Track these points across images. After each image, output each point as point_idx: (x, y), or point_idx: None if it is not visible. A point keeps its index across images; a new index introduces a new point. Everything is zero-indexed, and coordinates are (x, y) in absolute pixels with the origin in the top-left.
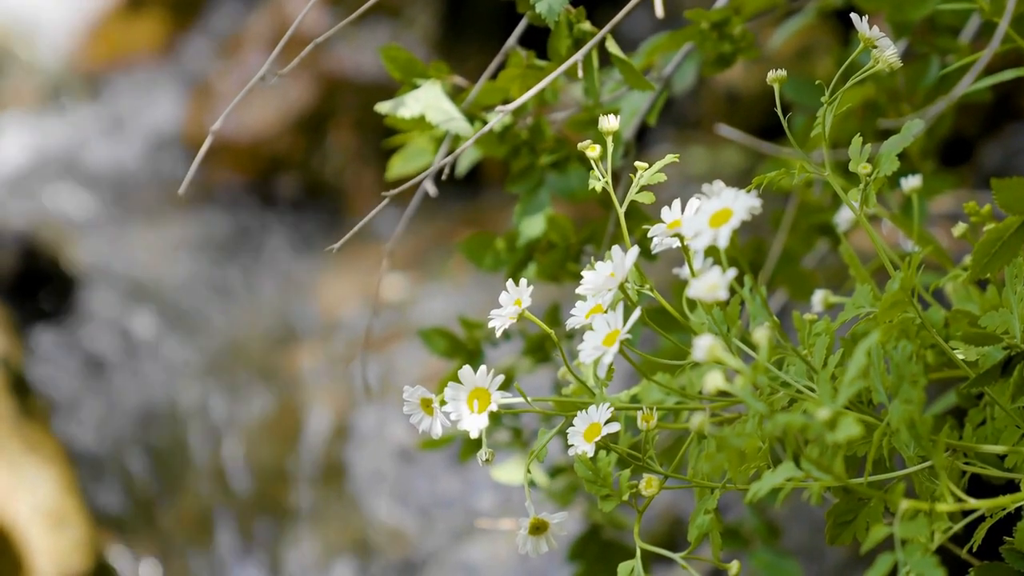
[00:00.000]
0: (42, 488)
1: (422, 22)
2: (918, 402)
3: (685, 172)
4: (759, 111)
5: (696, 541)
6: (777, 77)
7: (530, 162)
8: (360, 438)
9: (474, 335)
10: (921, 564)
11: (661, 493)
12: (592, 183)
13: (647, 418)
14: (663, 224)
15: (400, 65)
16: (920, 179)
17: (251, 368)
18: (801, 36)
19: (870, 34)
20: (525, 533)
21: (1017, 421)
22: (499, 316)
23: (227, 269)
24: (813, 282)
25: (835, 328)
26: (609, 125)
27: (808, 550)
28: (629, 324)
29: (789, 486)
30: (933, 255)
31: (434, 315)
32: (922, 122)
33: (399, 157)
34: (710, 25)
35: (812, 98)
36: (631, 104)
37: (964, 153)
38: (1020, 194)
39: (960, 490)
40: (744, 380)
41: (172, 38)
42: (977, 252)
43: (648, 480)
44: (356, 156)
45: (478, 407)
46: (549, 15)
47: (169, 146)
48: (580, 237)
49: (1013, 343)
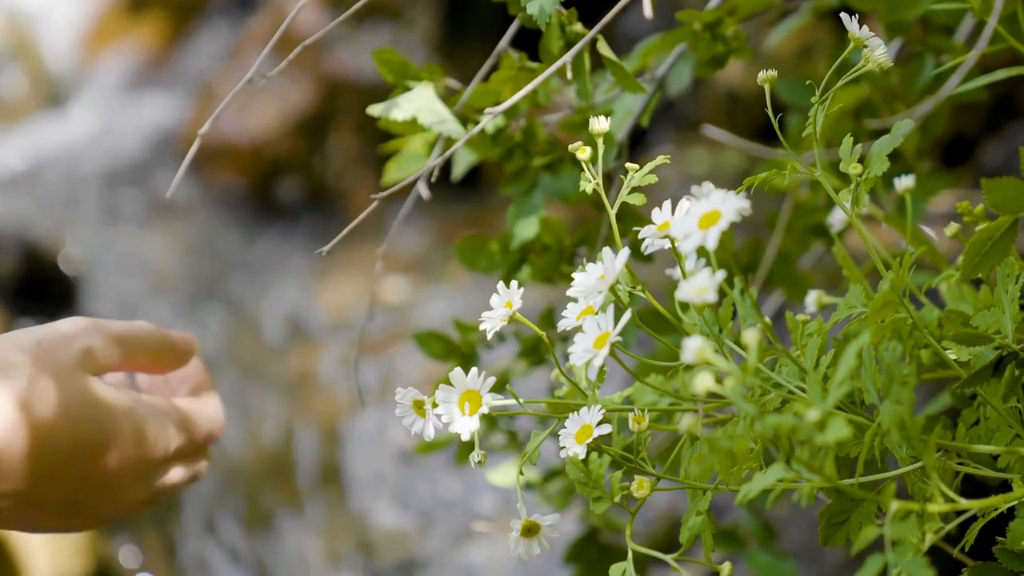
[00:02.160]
0: None
1: (423, 24)
2: (908, 403)
3: (685, 173)
4: (759, 111)
5: (688, 543)
6: (767, 78)
7: (523, 164)
8: (360, 440)
9: (469, 338)
10: (911, 565)
11: (660, 495)
12: (583, 185)
13: (639, 420)
14: (653, 225)
15: (393, 68)
16: (913, 179)
17: (252, 370)
18: (800, 36)
19: (860, 34)
20: (517, 535)
21: (1009, 421)
22: (490, 319)
23: (228, 272)
24: (809, 283)
25: (827, 329)
26: (600, 127)
27: (807, 551)
28: (620, 326)
29: (780, 487)
30: (928, 255)
31: (435, 317)
32: (911, 122)
33: (394, 163)
34: (703, 26)
35: (807, 98)
36: (624, 106)
37: (965, 153)
38: (1010, 194)
39: (953, 490)
40: (734, 381)
41: (174, 39)
42: (968, 252)
43: (639, 482)
44: (357, 158)
45: (469, 409)
46: (540, 16)
47: (170, 148)
48: (574, 239)
49: (1005, 343)
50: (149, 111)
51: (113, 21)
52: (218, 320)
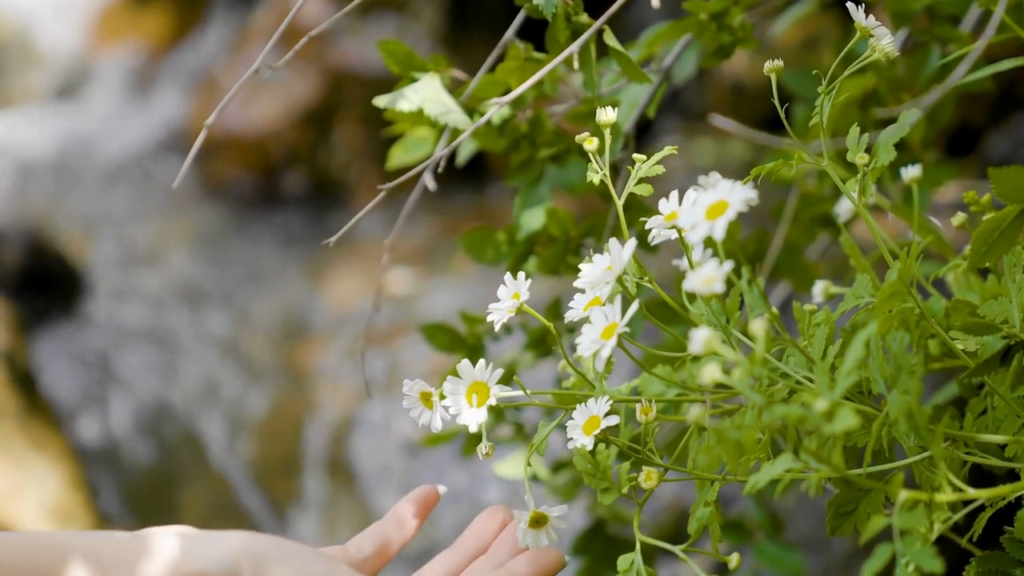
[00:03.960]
0: (48, 485)
1: (427, 16)
2: (916, 392)
3: (691, 163)
4: (765, 102)
5: (696, 533)
6: (774, 67)
7: (530, 155)
8: (367, 432)
9: (475, 330)
10: (919, 555)
11: (667, 486)
12: (590, 176)
13: (646, 411)
14: (660, 216)
15: (399, 59)
16: (920, 169)
17: (259, 363)
18: (806, 26)
19: (867, 23)
20: (525, 527)
21: (1017, 410)
22: (497, 310)
23: (234, 264)
24: (815, 273)
25: (835, 318)
26: (606, 117)
27: (814, 542)
28: (627, 317)
29: (788, 477)
30: (934, 245)
31: (440, 309)
32: (918, 111)
33: (399, 147)
34: (709, 16)
35: (814, 89)
36: (630, 96)
37: (971, 142)
38: (1018, 183)
39: (961, 480)
40: (742, 372)
41: (178, 32)
42: (975, 241)
43: (647, 473)
44: (362, 150)
45: (477, 401)
46: (546, 7)
47: (175, 141)
48: (580, 230)
49: (1012, 332)
50: (153, 103)
51: (118, 14)
52: (222, 312)
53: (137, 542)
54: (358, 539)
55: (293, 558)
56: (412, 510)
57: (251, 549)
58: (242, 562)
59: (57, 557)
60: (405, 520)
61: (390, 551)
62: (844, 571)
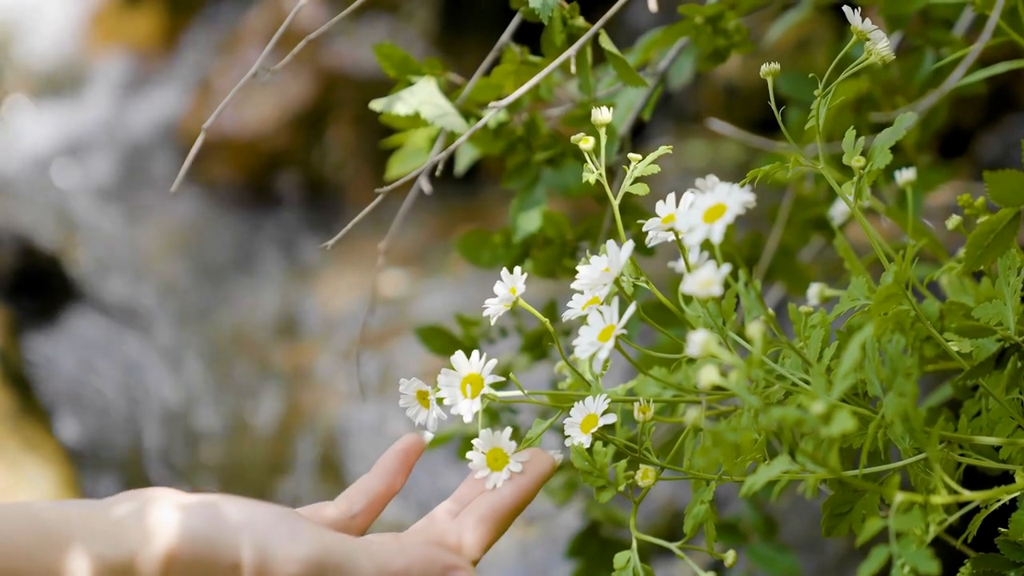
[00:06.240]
0: (41, 486)
1: (421, 17)
2: (911, 395)
3: (684, 166)
4: (758, 105)
5: (692, 531)
6: (770, 70)
7: (526, 158)
8: (360, 433)
9: (471, 332)
10: (915, 557)
11: (661, 487)
12: (586, 176)
13: (643, 410)
14: (657, 219)
15: (395, 63)
16: (914, 172)
17: (252, 364)
18: (799, 29)
19: (862, 27)
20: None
21: (1011, 412)
22: (494, 304)
23: (227, 266)
24: (810, 276)
25: (830, 321)
26: (602, 117)
27: (808, 543)
28: (624, 319)
29: (785, 479)
30: (929, 248)
31: (434, 311)
32: (914, 115)
33: (397, 158)
34: (704, 20)
35: (808, 92)
36: (626, 99)
37: (962, 145)
38: (1012, 186)
39: (956, 482)
40: (739, 374)
41: (171, 33)
42: (970, 245)
43: (644, 471)
44: (355, 152)
45: (471, 392)
46: (543, 10)
47: (168, 142)
48: (576, 233)
49: (1007, 335)
50: (147, 105)
51: (111, 15)
52: (216, 314)
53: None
54: (346, 495)
55: (257, 523)
56: (397, 461)
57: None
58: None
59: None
60: (391, 473)
61: (379, 506)
62: (838, 573)
